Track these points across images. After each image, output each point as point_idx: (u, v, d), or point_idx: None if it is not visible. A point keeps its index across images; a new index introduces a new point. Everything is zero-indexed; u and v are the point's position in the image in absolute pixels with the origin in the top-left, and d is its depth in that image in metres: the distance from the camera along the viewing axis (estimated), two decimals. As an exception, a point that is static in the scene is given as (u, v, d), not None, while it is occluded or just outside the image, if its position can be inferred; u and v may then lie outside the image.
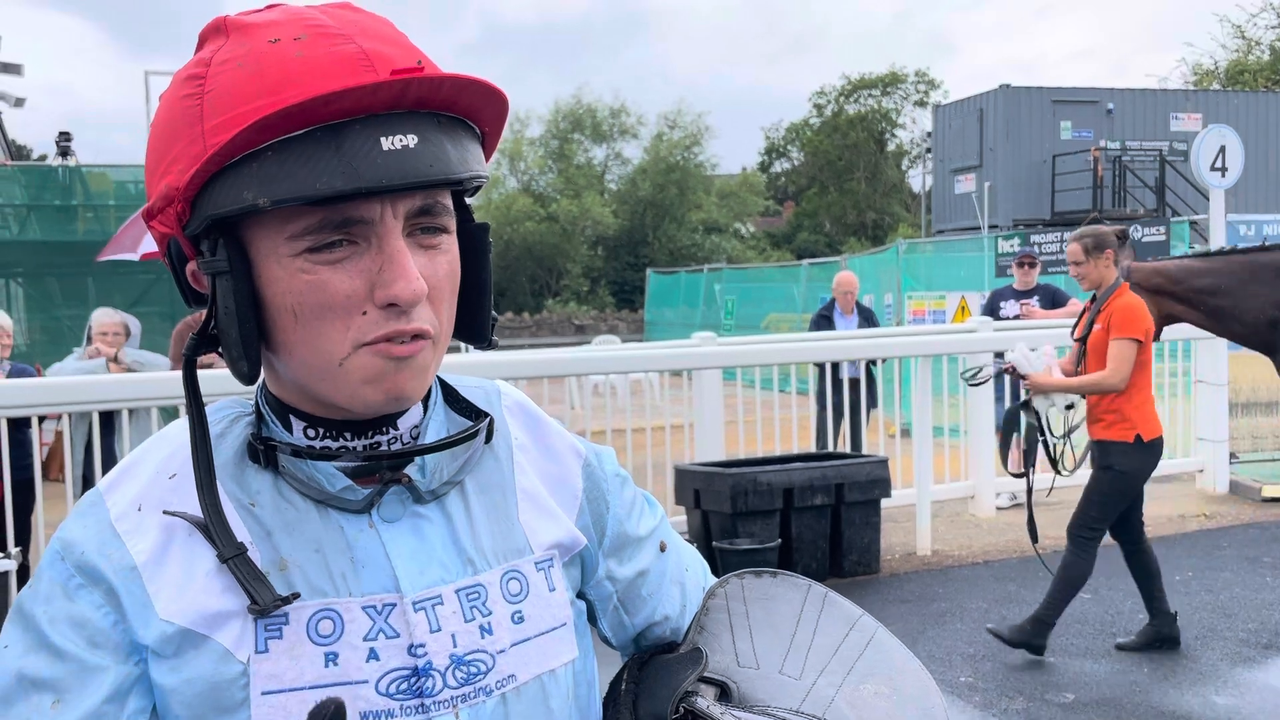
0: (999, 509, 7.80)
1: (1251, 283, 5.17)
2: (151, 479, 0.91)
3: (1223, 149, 8.68)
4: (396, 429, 0.94)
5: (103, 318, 5.77)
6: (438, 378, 1.01)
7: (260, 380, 0.95)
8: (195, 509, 0.88)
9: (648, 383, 9.22)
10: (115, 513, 0.89)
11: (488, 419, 0.98)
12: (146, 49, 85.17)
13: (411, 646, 0.89)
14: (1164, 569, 6.25)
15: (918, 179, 41.70)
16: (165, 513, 0.88)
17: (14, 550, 4.47)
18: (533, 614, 0.95)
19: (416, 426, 0.96)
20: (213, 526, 0.86)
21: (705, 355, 6.82)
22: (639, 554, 1.08)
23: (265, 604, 0.84)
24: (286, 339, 0.87)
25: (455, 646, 0.90)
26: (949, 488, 7.62)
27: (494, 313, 0.99)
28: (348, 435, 0.92)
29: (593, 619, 1.08)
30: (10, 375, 5.37)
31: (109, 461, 5.17)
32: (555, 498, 1.02)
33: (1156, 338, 5.21)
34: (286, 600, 0.85)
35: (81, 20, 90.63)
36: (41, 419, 5.17)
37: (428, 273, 0.87)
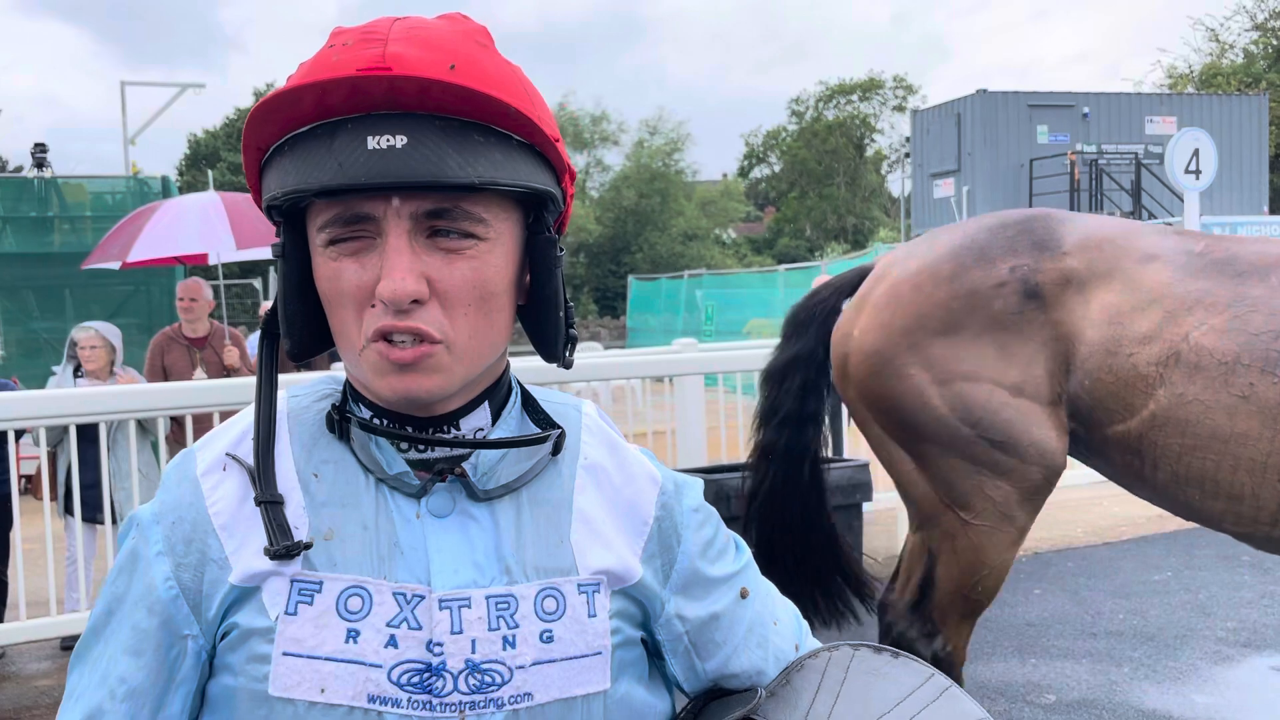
0: (980, 511, 7.82)
1: None
2: (237, 440, 0.97)
3: (1196, 152, 8.77)
4: (459, 429, 0.95)
5: (82, 334, 5.71)
6: (522, 387, 1.02)
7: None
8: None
9: (630, 389, 9.21)
10: (202, 468, 0.96)
11: (556, 432, 0.98)
12: (139, 60, 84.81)
13: (430, 643, 0.90)
14: (1143, 568, 6.30)
15: (897, 183, 41.93)
16: (227, 454, 0.95)
17: (-9, 566, 4.42)
18: (565, 636, 0.93)
19: (482, 429, 0.96)
20: (259, 471, 0.91)
21: (687, 361, 6.83)
22: (712, 595, 1.04)
23: (278, 548, 0.88)
24: (331, 325, 0.93)
25: (473, 652, 0.90)
26: (930, 491, 7.64)
27: (572, 331, 0.98)
28: (410, 428, 0.94)
29: (663, 659, 1.04)
30: (-13, 389, 5.33)
31: (86, 476, 5.13)
32: (619, 524, 0.99)
33: None
34: (302, 546, 0.89)
35: (74, 30, 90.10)
36: (19, 434, 5.13)
37: (438, 277, 0.87)
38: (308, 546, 0.90)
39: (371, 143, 0.83)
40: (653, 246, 36.43)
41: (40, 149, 12.54)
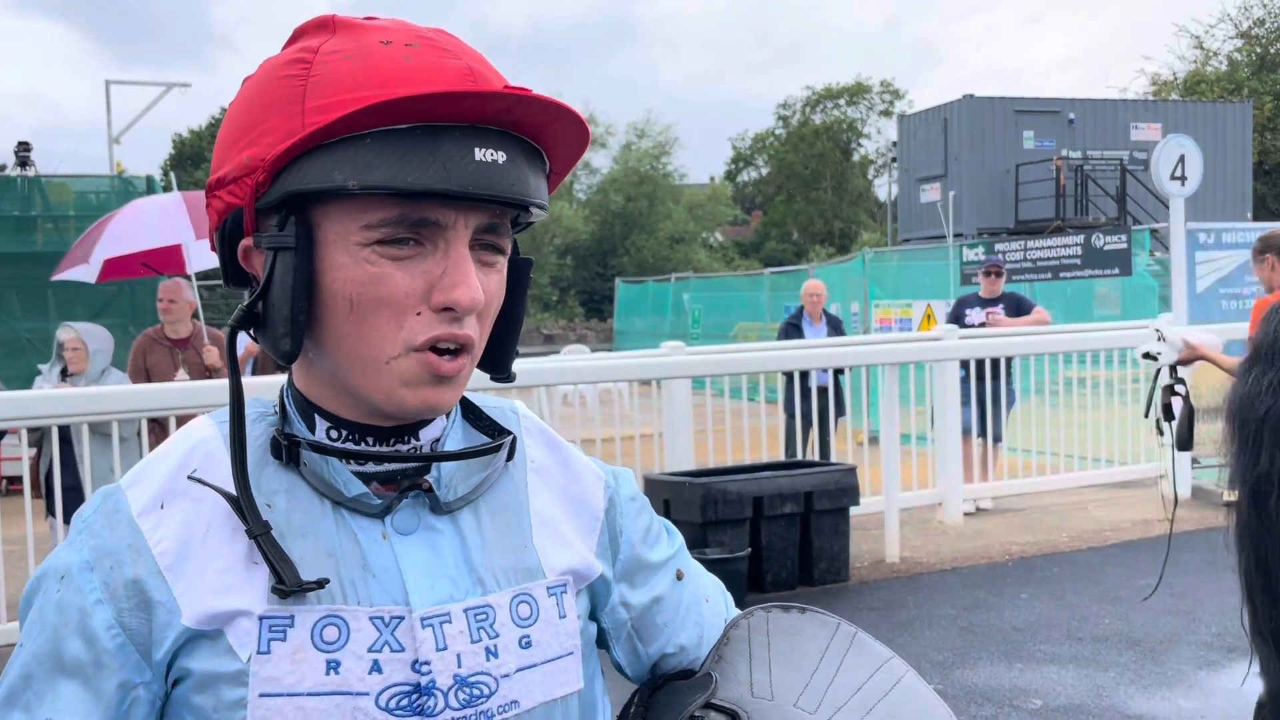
0: (966, 515, 7.85)
1: None
2: (173, 474, 0.91)
3: (1182, 158, 8.81)
4: (418, 439, 0.94)
5: (66, 334, 5.74)
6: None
7: (286, 379, 0.96)
8: (216, 504, 0.88)
9: (617, 392, 9.19)
10: (137, 508, 0.89)
11: (511, 437, 0.98)
12: (129, 59, 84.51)
13: (416, 663, 0.88)
14: (1129, 574, 6.32)
15: (883, 188, 42.03)
16: (190, 477, 0.89)
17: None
18: (541, 640, 0.94)
19: (437, 440, 0.96)
20: (243, 501, 0.87)
21: (674, 364, 6.82)
22: (653, 580, 1.07)
23: (291, 584, 0.85)
24: (337, 328, 0.88)
25: (460, 667, 0.90)
26: (917, 495, 7.66)
27: (517, 348, 1.01)
28: (370, 440, 0.92)
29: (606, 647, 1.07)
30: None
31: (68, 477, 5.08)
32: (573, 522, 1.01)
33: None
34: (317, 585, 0.86)
35: (63, 28, 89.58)
36: (1, 435, 5.08)
37: (481, 286, 0.89)
38: (325, 582, 0.87)
39: (479, 154, 0.85)
40: (640, 249, 36.45)
41: (23, 147, 12.45)
